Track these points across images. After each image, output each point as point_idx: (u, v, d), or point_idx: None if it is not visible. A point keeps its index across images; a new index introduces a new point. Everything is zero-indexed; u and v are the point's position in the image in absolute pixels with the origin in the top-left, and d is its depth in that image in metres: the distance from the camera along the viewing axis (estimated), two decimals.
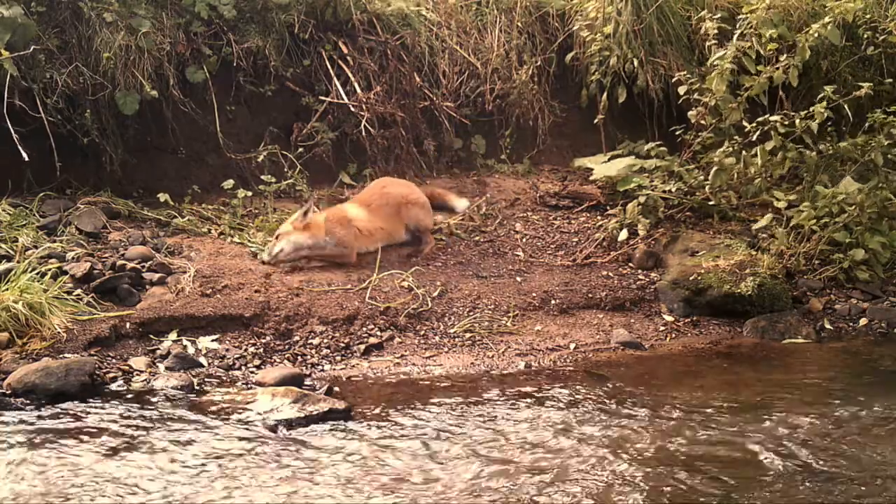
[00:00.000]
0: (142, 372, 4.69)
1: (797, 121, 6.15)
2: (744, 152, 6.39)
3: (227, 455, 3.88)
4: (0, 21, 5.83)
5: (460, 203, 6.56)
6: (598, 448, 4.00)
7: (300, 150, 6.74)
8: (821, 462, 3.88)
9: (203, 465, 3.80)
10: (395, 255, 6.03)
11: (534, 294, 5.75)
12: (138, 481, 3.65)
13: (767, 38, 6.26)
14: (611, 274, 6.06)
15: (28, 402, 4.31)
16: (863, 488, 3.67)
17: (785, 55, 6.26)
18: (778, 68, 6.21)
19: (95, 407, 4.30)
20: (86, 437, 3.99)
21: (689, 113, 6.55)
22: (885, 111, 6.33)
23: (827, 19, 6.26)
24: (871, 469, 3.83)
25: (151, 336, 5.03)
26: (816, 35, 6.19)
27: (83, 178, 6.39)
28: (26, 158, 5.70)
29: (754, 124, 6.28)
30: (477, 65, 7.33)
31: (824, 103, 6.10)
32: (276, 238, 5.77)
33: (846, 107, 6.32)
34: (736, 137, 6.38)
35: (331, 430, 4.16)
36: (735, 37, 6.32)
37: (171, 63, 6.40)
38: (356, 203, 6.08)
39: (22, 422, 4.12)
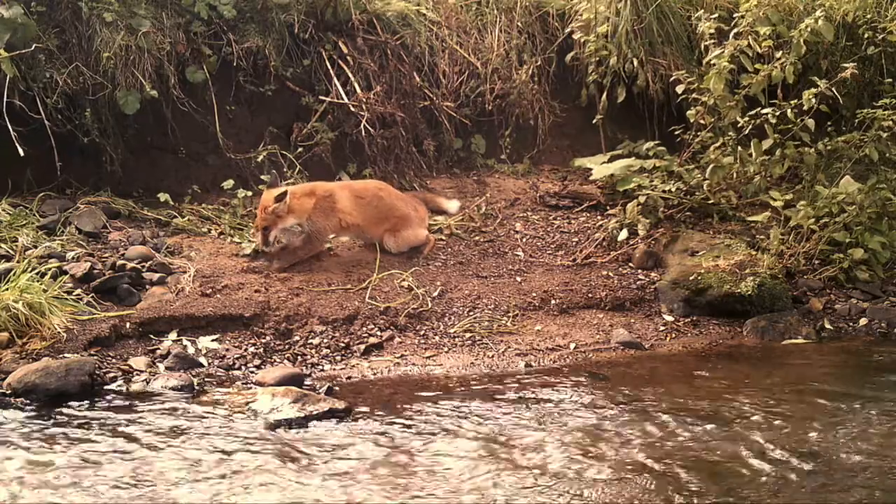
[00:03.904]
0: (142, 372, 4.69)
1: (788, 111, 6.14)
2: (740, 148, 6.39)
3: (227, 455, 3.88)
4: (0, 21, 5.84)
5: (452, 205, 6.57)
6: (598, 448, 4.00)
7: (300, 149, 6.74)
8: (821, 462, 3.88)
9: (203, 464, 3.80)
10: (395, 255, 6.03)
11: (534, 294, 5.75)
12: (138, 481, 3.65)
13: (764, 36, 6.27)
14: (611, 274, 6.06)
15: (28, 402, 4.31)
16: (864, 488, 3.67)
17: (781, 52, 6.27)
18: (775, 66, 6.22)
19: (95, 407, 4.30)
20: (85, 438, 3.99)
21: (689, 112, 6.55)
22: (874, 106, 6.34)
23: (818, 13, 6.26)
24: (872, 468, 3.83)
25: (151, 336, 5.03)
26: (809, 30, 6.19)
27: (83, 178, 6.39)
28: (21, 154, 5.69)
29: (746, 118, 6.28)
30: (477, 65, 7.33)
31: (812, 90, 6.09)
32: (266, 227, 5.65)
33: (839, 98, 6.31)
34: (730, 133, 6.38)
35: (331, 429, 4.16)
36: (731, 35, 6.33)
37: (171, 63, 6.40)
38: (348, 191, 5.97)
39: (22, 422, 4.12)
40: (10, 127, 5.73)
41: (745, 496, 3.61)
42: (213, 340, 5.06)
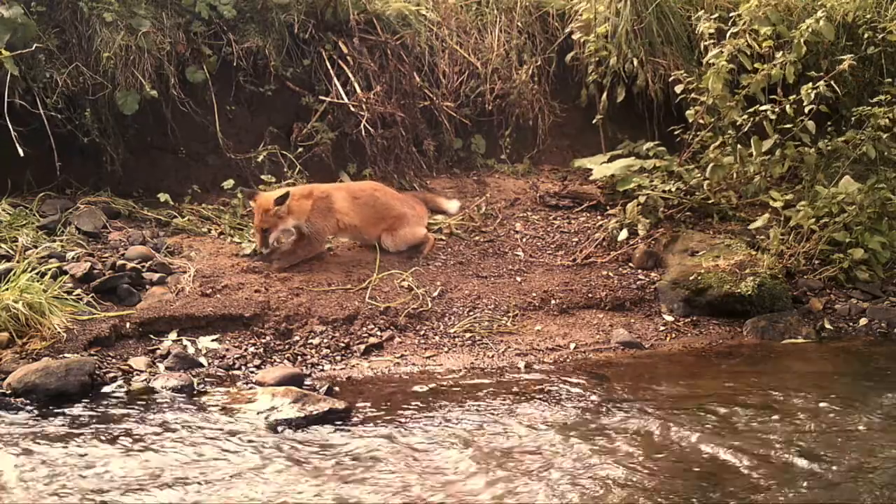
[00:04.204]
0: (142, 372, 4.69)
1: (787, 108, 6.14)
2: (739, 146, 6.38)
3: (227, 455, 3.88)
4: (0, 21, 5.84)
5: (452, 205, 6.58)
6: (598, 448, 4.00)
7: (300, 149, 6.74)
8: (821, 462, 3.88)
9: (203, 465, 3.80)
10: (394, 254, 6.03)
11: (534, 294, 5.75)
12: (138, 481, 3.65)
13: (764, 36, 6.27)
14: (611, 274, 6.06)
15: (28, 402, 4.31)
16: (863, 488, 3.67)
17: (781, 52, 6.27)
18: (775, 65, 6.22)
19: (95, 407, 4.30)
20: (86, 438, 3.99)
21: (688, 112, 6.55)
22: (869, 103, 6.35)
23: (819, 14, 6.27)
24: (871, 468, 3.83)
25: (151, 336, 5.03)
26: (810, 30, 6.20)
27: (83, 178, 6.39)
28: (21, 154, 5.68)
29: (745, 115, 6.28)
30: (477, 65, 7.33)
31: (810, 85, 6.09)
32: (265, 230, 5.65)
33: (839, 96, 6.31)
34: (730, 132, 6.38)
35: (331, 429, 4.16)
36: (728, 34, 6.33)
37: (171, 63, 6.40)
38: (344, 191, 6.01)
39: (22, 422, 4.12)
40: (10, 127, 5.73)
41: (744, 496, 3.61)
42: (213, 340, 5.06)
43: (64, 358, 4.59)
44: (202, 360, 4.88)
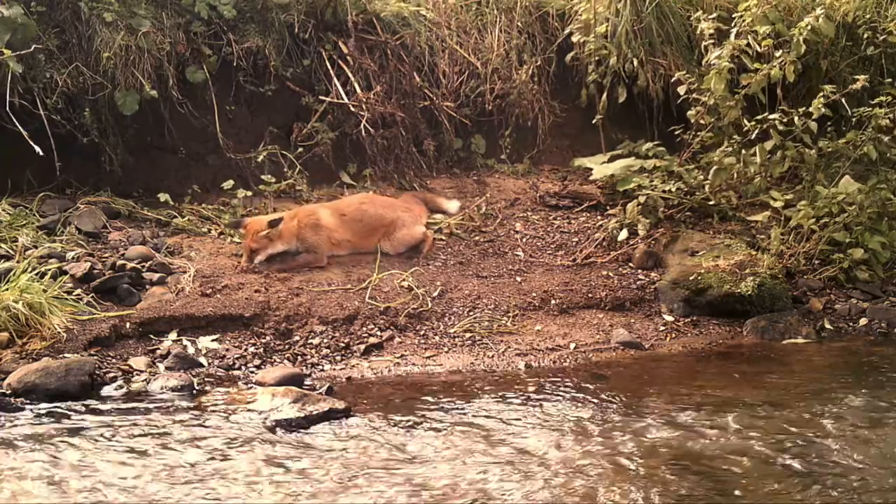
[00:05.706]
0: (142, 372, 4.70)
1: (796, 118, 6.16)
2: (743, 151, 6.39)
3: (227, 455, 3.89)
4: (0, 21, 5.84)
5: (452, 205, 6.62)
6: (598, 448, 4.00)
7: (300, 150, 6.75)
8: (822, 462, 3.88)
9: (203, 464, 3.80)
10: (395, 255, 6.03)
11: (534, 294, 5.75)
12: (138, 481, 3.65)
13: (764, 35, 6.27)
14: (611, 274, 6.06)
15: (28, 401, 4.31)
16: (863, 488, 3.67)
17: (781, 51, 6.27)
18: (774, 65, 6.22)
19: (95, 407, 4.31)
20: (86, 438, 3.99)
21: (689, 112, 6.55)
22: (870, 104, 6.36)
23: (819, 11, 6.26)
24: (871, 469, 3.83)
25: (151, 336, 5.04)
26: (810, 28, 6.20)
27: (83, 178, 6.39)
28: (40, 152, 5.67)
29: (753, 122, 6.29)
30: (477, 65, 7.33)
31: (821, 99, 6.10)
32: (254, 250, 5.70)
33: (844, 102, 6.32)
34: (735, 137, 6.39)
35: (331, 429, 4.16)
36: (732, 35, 6.33)
37: (170, 63, 6.40)
38: (330, 209, 6.05)
39: (22, 422, 4.12)
40: (18, 127, 5.72)
41: (744, 496, 3.61)
42: (213, 340, 5.06)
43: (64, 358, 4.59)
44: (202, 360, 4.89)
